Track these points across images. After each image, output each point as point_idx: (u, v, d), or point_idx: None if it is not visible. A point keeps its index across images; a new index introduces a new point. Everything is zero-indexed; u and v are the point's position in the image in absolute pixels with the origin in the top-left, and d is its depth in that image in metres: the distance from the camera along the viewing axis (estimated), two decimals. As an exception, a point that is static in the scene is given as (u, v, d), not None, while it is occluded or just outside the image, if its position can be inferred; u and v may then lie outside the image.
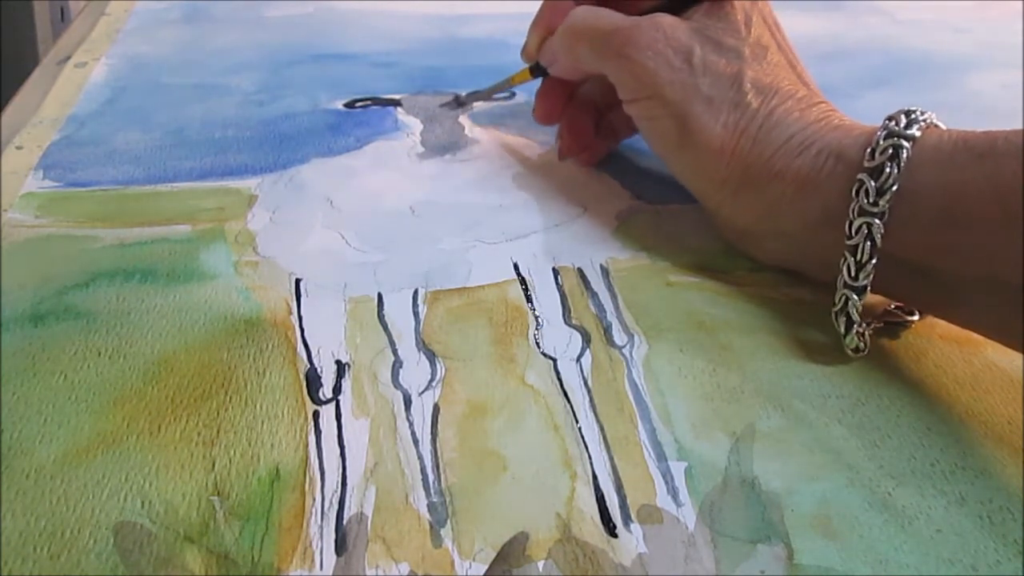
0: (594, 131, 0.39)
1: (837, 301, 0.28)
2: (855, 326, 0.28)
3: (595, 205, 0.36)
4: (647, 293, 0.31)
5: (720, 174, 0.31)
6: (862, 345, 0.28)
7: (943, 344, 0.29)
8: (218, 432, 0.25)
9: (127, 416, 0.25)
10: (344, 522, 0.22)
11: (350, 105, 0.44)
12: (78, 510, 0.22)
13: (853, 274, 0.27)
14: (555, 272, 0.32)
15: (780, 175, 0.29)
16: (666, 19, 0.32)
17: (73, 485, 0.23)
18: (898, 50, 0.54)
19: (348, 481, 0.24)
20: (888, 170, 0.26)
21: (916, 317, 0.30)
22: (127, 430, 0.25)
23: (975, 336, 0.29)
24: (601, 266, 0.33)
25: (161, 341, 0.28)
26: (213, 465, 0.24)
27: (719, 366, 0.28)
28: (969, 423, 0.26)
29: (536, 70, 0.39)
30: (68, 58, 0.49)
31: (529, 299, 0.31)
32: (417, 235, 0.34)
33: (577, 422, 0.26)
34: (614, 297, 0.31)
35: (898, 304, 0.30)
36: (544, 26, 0.38)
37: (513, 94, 0.46)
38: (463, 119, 0.43)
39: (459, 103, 0.44)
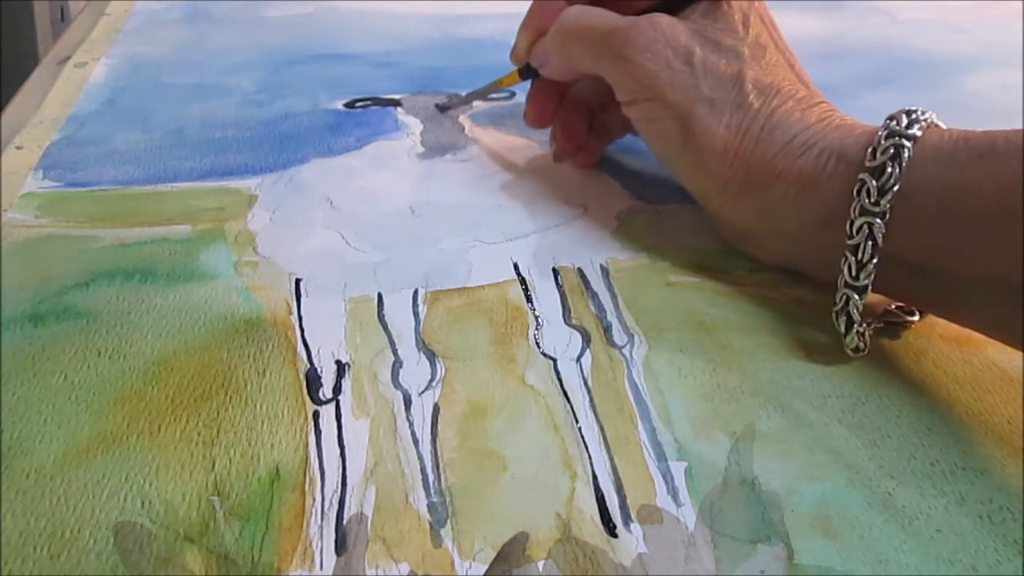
0: (587, 131, 0.39)
1: (838, 301, 0.28)
2: (855, 326, 0.28)
3: (595, 205, 0.36)
4: (647, 293, 0.31)
5: (723, 175, 0.31)
6: (862, 345, 0.28)
7: (943, 344, 0.29)
8: (218, 432, 0.25)
9: (127, 416, 0.25)
10: (344, 522, 0.22)
11: (350, 105, 0.44)
12: (78, 510, 0.22)
13: (854, 274, 0.27)
14: (555, 272, 0.32)
15: (782, 176, 0.29)
16: (664, 19, 0.32)
17: (73, 485, 0.23)
18: (898, 50, 0.54)
19: (348, 481, 0.24)
20: (889, 170, 0.26)
21: (916, 317, 0.30)
22: (127, 430, 0.25)
23: (975, 336, 0.29)
24: (601, 266, 0.33)
25: (161, 341, 0.28)
26: (213, 465, 0.24)
27: (719, 366, 0.28)
28: (969, 423, 0.26)
29: (525, 72, 0.39)
30: (68, 58, 0.49)
31: (529, 299, 0.31)
32: (417, 235, 0.34)
33: (577, 422, 0.26)
34: (614, 297, 0.31)
35: (898, 304, 0.30)
36: (534, 27, 0.37)
37: (513, 94, 0.46)
38: (463, 119, 0.43)
39: (444, 108, 0.44)
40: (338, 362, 0.28)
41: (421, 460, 0.24)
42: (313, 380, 0.27)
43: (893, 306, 0.30)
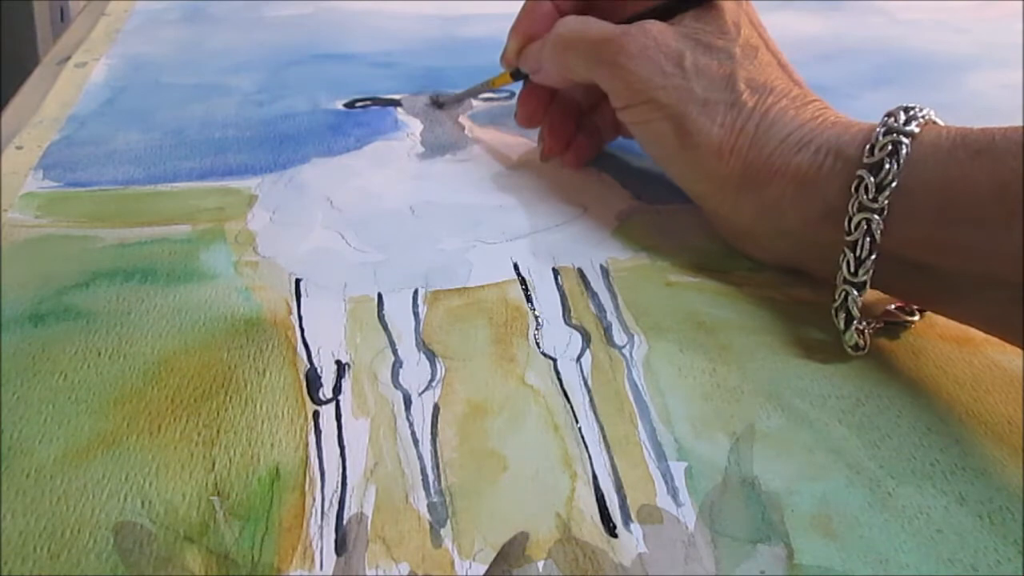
0: (576, 131, 0.39)
1: (837, 297, 0.28)
2: (854, 323, 0.28)
3: (595, 205, 0.36)
4: (647, 293, 0.31)
5: (720, 174, 0.31)
6: (862, 343, 0.28)
7: (943, 344, 0.29)
8: (218, 432, 0.25)
9: (127, 416, 0.25)
10: (344, 522, 0.22)
11: (350, 105, 0.44)
12: (78, 510, 0.22)
13: (852, 270, 0.27)
14: (555, 272, 0.32)
15: (780, 172, 0.29)
16: (655, 26, 0.32)
17: (73, 485, 0.23)
18: (898, 50, 0.54)
19: (348, 481, 0.24)
20: (888, 166, 0.27)
21: (916, 317, 0.30)
22: (127, 430, 0.25)
23: (975, 335, 0.29)
24: (601, 266, 0.33)
25: (161, 341, 0.28)
26: (213, 465, 0.24)
27: (719, 366, 0.28)
28: (969, 423, 0.26)
29: (517, 74, 0.39)
30: (68, 58, 0.49)
31: (529, 299, 0.31)
32: (417, 235, 0.34)
33: (577, 422, 0.26)
34: (614, 297, 0.31)
35: (898, 304, 0.30)
36: (523, 32, 0.38)
37: (513, 94, 0.45)
38: (463, 119, 0.43)
39: (438, 105, 0.44)
40: (338, 362, 0.28)
41: (421, 460, 0.24)
42: (313, 380, 0.27)
43: (893, 306, 0.30)
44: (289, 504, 0.23)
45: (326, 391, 0.26)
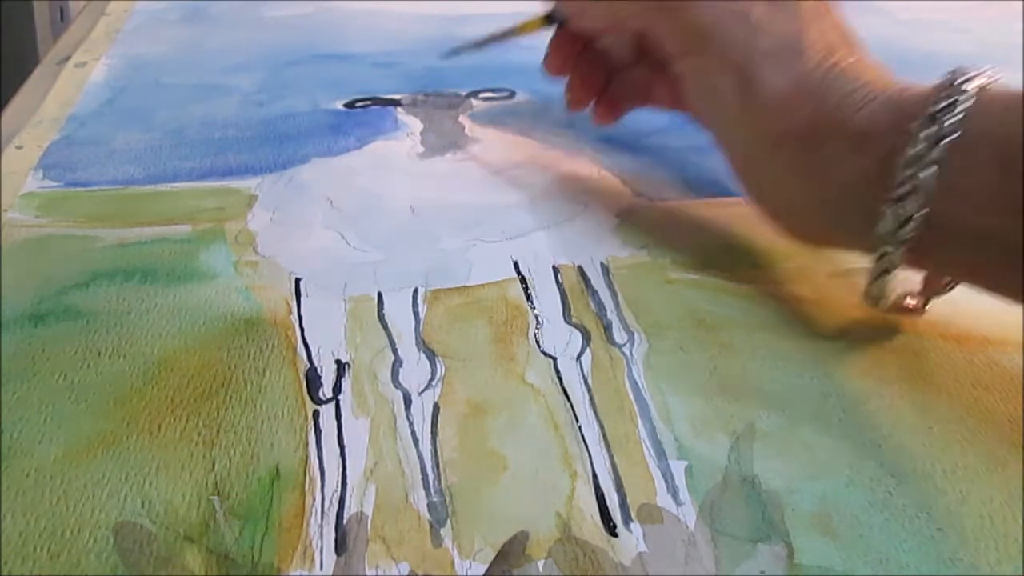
0: (606, 86, 0.37)
1: (875, 257, 0.27)
2: (887, 277, 0.27)
3: (595, 203, 0.36)
4: (647, 291, 0.31)
5: (777, 130, 0.30)
6: (885, 300, 0.27)
7: (944, 343, 0.29)
8: (218, 432, 0.25)
9: (127, 416, 0.25)
10: (344, 522, 0.22)
11: (350, 105, 0.44)
12: (78, 510, 0.22)
13: (899, 225, 0.26)
14: (555, 270, 0.32)
15: (839, 128, 0.29)
16: None
17: (73, 485, 0.23)
18: (898, 50, 0.54)
19: (348, 481, 0.24)
20: (946, 119, 0.26)
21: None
22: (127, 430, 0.25)
23: (976, 334, 0.29)
24: (601, 264, 0.33)
25: (161, 341, 0.28)
26: (213, 465, 0.24)
27: (719, 364, 0.28)
28: (969, 422, 0.26)
29: (550, 18, 0.37)
30: (68, 58, 0.49)
31: (529, 298, 0.31)
32: (417, 235, 0.34)
33: (577, 421, 0.26)
34: (614, 295, 0.31)
35: (915, 297, 0.29)
36: None
37: (513, 93, 0.46)
38: (463, 119, 0.43)
39: (455, 53, 0.43)
40: (338, 362, 0.28)
41: (421, 459, 0.24)
42: (313, 380, 0.27)
43: (909, 300, 0.29)
44: (289, 504, 0.23)
45: (326, 391, 0.26)
